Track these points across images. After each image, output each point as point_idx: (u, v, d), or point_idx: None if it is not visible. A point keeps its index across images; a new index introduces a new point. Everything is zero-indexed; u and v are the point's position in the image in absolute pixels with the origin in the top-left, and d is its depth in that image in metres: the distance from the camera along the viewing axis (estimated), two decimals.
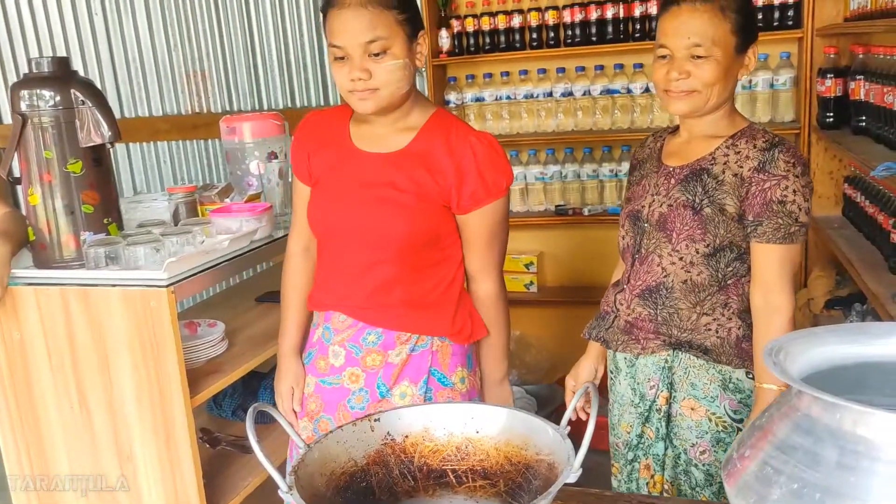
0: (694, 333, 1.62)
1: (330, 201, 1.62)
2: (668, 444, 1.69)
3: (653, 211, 1.64)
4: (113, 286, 1.73)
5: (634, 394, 1.72)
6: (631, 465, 1.76)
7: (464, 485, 1.13)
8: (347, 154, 1.61)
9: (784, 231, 1.53)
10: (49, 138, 1.79)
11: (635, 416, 1.73)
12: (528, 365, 3.58)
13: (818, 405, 0.78)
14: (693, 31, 1.54)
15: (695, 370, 1.63)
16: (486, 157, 1.56)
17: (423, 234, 1.57)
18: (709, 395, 1.62)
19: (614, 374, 1.78)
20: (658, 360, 1.67)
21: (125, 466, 1.82)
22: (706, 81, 1.55)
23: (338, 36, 1.48)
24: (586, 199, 3.38)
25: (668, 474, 1.70)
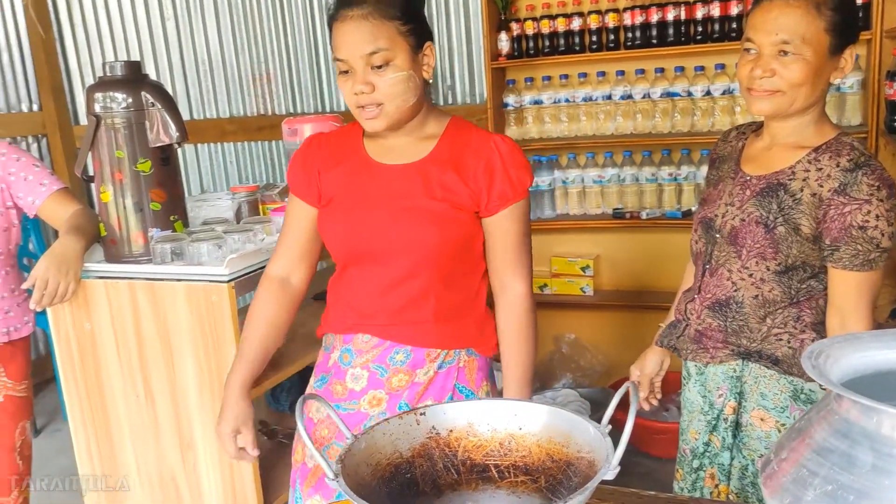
0: (764, 344, 1.58)
1: (353, 219, 1.54)
2: (736, 455, 1.66)
3: (725, 222, 1.60)
4: (177, 280, 1.81)
5: (704, 401, 1.70)
6: (696, 474, 1.74)
7: (506, 480, 1.15)
8: (366, 169, 1.55)
9: (863, 258, 1.45)
10: (121, 138, 1.88)
11: (703, 424, 1.71)
12: (583, 369, 3.58)
13: (855, 409, 0.78)
14: (783, 27, 1.46)
15: (765, 380, 1.60)
16: (511, 156, 1.52)
17: (457, 243, 1.52)
18: (779, 405, 1.59)
19: (686, 380, 1.76)
20: (727, 369, 1.64)
21: (186, 454, 1.90)
22: (792, 82, 1.47)
23: (340, 49, 1.45)
24: (644, 202, 3.36)
25: (735, 485, 1.67)
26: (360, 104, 1.46)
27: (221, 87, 4.13)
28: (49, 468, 3.37)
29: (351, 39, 1.43)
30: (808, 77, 1.47)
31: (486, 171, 1.50)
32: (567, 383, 3.56)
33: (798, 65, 1.47)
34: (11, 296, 2.05)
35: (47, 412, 3.87)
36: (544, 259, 3.62)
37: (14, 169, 2.02)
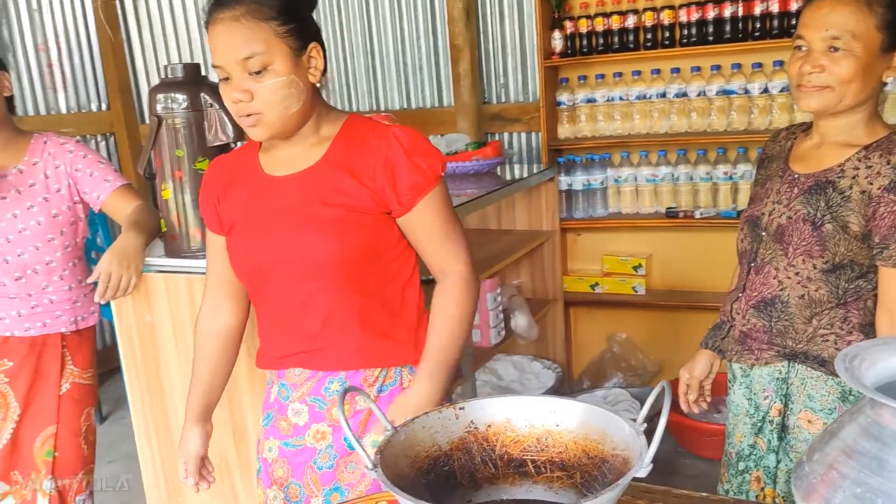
0: (810, 345, 1.57)
1: (250, 241, 1.45)
2: (783, 457, 1.65)
3: (772, 220, 1.60)
4: None
5: (749, 404, 1.69)
6: (742, 476, 1.73)
7: (542, 475, 1.17)
8: (260, 185, 1.46)
9: None
10: (180, 138, 1.95)
11: (749, 427, 1.70)
12: (634, 368, 3.56)
13: (887, 412, 0.78)
14: (833, 22, 1.45)
15: (812, 381, 1.58)
16: (414, 145, 1.40)
17: (361, 250, 1.40)
18: (827, 407, 1.57)
19: (731, 382, 1.76)
20: (773, 371, 1.63)
21: (239, 444, 1.96)
22: (841, 78, 1.46)
23: (215, 54, 1.34)
24: (698, 201, 3.32)
25: (781, 488, 1.66)
26: (240, 113, 1.36)
27: None
28: (113, 453, 3.52)
29: (224, 44, 1.33)
30: (857, 73, 1.46)
31: (386, 167, 1.39)
32: (618, 383, 3.54)
33: (848, 61, 1.46)
34: (79, 287, 2.15)
35: (113, 400, 4.03)
36: (596, 258, 3.62)
37: (81, 165, 2.12)
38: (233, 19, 1.31)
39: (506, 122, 3.73)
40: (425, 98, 3.92)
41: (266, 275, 1.45)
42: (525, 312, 3.18)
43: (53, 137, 2.15)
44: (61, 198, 2.10)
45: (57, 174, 2.10)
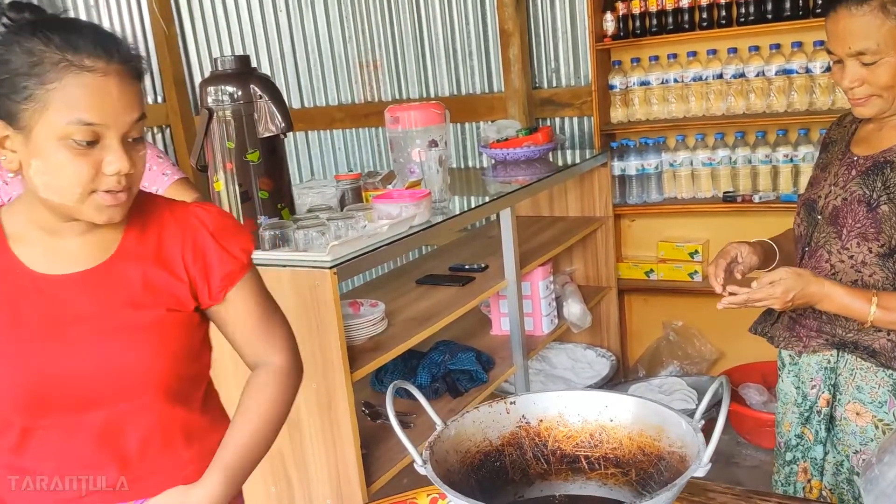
0: (861, 334, 1.52)
1: (23, 359, 1.11)
2: (830, 449, 1.60)
3: (828, 203, 1.56)
4: (283, 266, 1.88)
5: (798, 392, 1.65)
6: (789, 467, 1.69)
7: (596, 471, 1.14)
8: (26, 286, 1.13)
9: None
10: (231, 130, 1.97)
11: (796, 416, 1.66)
12: (690, 356, 3.49)
13: None
14: (854, 37, 1.43)
15: (861, 372, 1.53)
16: (221, 226, 1.25)
17: (183, 354, 1.21)
18: (877, 399, 1.52)
19: (780, 370, 1.73)
20: (821, 359, 1.59)
21: (292, 434, 1.97)
22: (883, 85, 1.45)
23: (93, 110, 1.04)
24: (758, 185, 3.22)
25: (829, 481, 1.62)
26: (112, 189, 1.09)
27: (330, 76, 4.24)
28: None
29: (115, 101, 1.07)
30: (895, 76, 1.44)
31: (196, 254, 1.21)
32: (674, 371, 3.47)
33: (882, 68, 1.44)
34: None
35: None
36: (651, 244, 3.54)
37: None
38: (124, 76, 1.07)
39: (557, 106, 3.67)
40: (475, 84, 3.89)
41: (47, 404, 1.13)
42: (578, 300, 3.13)
43: None
44: None
45: None
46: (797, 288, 1.47)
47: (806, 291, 1.47)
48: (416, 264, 3.04)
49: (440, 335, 2.62)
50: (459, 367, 2.55)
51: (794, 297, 1.47)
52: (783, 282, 1.47)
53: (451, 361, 2.57)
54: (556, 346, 3.51)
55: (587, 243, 3.46)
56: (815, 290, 1.47)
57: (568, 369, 3.39)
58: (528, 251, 2.87)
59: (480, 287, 2.57)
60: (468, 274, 2.70)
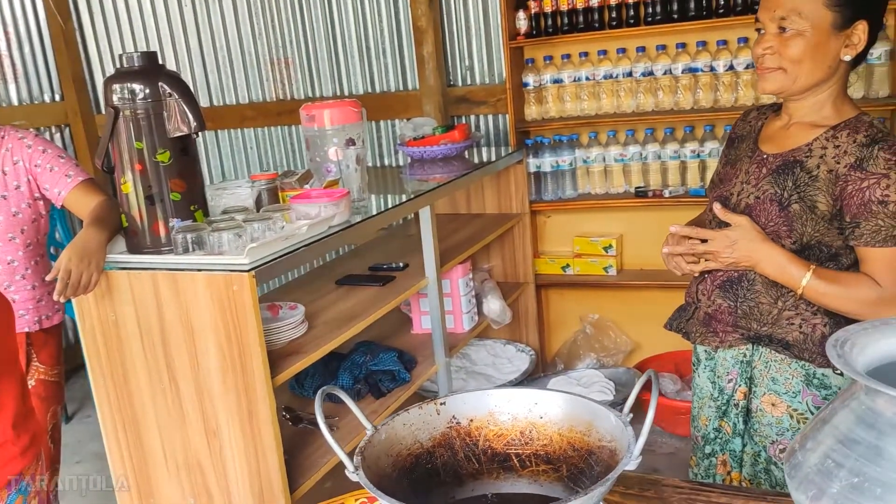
0: (775, 328, 1.56)
1: None
2: (748, 441, 1.65)
3: (740, 200, 1.58)
4: (198, 271, 1.81)
5: (714, 387, 1.69)
6: (708, 460, 1.73)
7: (527, 469, 1.14)
8: None
9: (885, 233, 1.43)
10: (139, 130, 1.88)
11: (713, 410, 1.70)
12: (607, 349, 3.56)
13: (882, 399, 0.77)
14: (780, 3, 1.46)
15: (776, 364, 1.58)
16: None
17: None
18: (791, 390, 1.57)
19: (695, 365, 1.76)
20: (737, 353, 1.62)
21: (211, 441, 1.91)
22: (791, 58, 1.47)
23: None
24: (667, 180, 3.32)
25: (747, 472, 1.66)
26: None
27: (241, 73, 4.13)
28: (82, 453, 3.44)
29: None
30: (806, 53, 1.46)
31: None
32: (591, 364, 3.54)
33: (796, 41, 1.46)
34: (42, 285, 2.08)
35: (78, 399, 3.94)
36: (567, 239, 3.60)
37: (40, 161, 2.04)
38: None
39: (472, 104, 3.69)
40: (389, 82, 3.86)
41: None
42: (497, 296, 3.16)
43: (11, 132, 2.06)
44: (21, 195, 2.02)
45: (16, 170, 2.01)
46: (745, 239, 1.50)
47: (752, 246, 1.50)
48: (335, 264, 2.99)
49: (361, 336, 2.59)
50: (381, 368, 2.53)
51: (738, 248, 1.51)
52: (737, 230, 1.50)
53: (373, 362, 2.54)
54: (477, 342, 3.52)
55: (505, 240, 3.49)
56: (759, 247, 1.50)
57: (489, 365, 3.40)
58: (448, 249, 2.87)
59: (401, 286, 2.56)
60: (388, 273, 2.68)
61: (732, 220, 1.52)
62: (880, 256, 1.45)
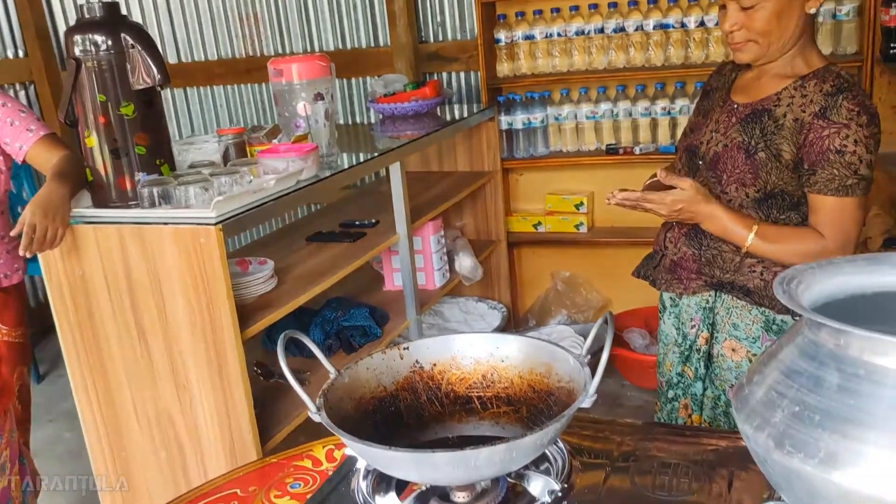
0: (737, 275, 1.60)
1: None
2: (709, 385, 1.70)
3: (709, 149, 1.61)
4: (165, 224, 1.81)
5: (678, 333, 1.73)
6: (671, 404, 1.78)
7: (488, 411, 1.17)
8: None
9: (839, 183, 1.45)
10: (102, 82, 1.86)
11: (677, 356, 1.74)
12: (578, 305, 3.60)
13: (823, 331, 0.79)
14: None
15: (737, 311, 1.62)
16: None
17: None
18: (751, 335, 1.61)
19: (661, 312, 1.80)
20: (700, 300, 1.67)
21: (182, 395, 1.92)
22: (759, 31, 1.49)
23: None
24: (638, 137, 3.33)
25: (707, 415, 1.71)
26: None
27: (209, 29, 4.06)
28: (53, 412, 3.44)
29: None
30: (772, 22, 1.49)
31: None
32: (562, 320, 3.59)
33: (760, 14, 1.48)
34: (1, 243, 2.05)
35: (50, 359, 3.92)
36: (539, 197, 3.62)
37: (0, 115, 2.00)
38: None
39: (444, 61, 3.66)
40: (360, 38, 3.82)
41: None
42: (469, 254, 3.17)
43: None
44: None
45: None
46: (688, 201, 1.53)
47: (695, 208, 1.54)
48: (304, 222, 2.99)
49: (332, 292, 2.60)
50: (353, 324, 2.54)
51: (682, 210, 1.54)
52: (680, 192, 1.54)
53: (344, 318, 2.56)
54: (449, 300, 3.55)
55: (476, 198, 3.50)
56: (703, 209, 1.54)
57: (461, 322, 3.43)
58: (419, 206, 2.88)
59: (372, 242, 2.56)
60: (359, 230, 2.68)
61: (677, 183, 1.55)
62: (829, 206, 1.48)
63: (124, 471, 2.07)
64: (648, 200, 1.57)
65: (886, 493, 0.70)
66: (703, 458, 1.06)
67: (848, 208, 1.48)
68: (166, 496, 1.39)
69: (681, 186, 1.54)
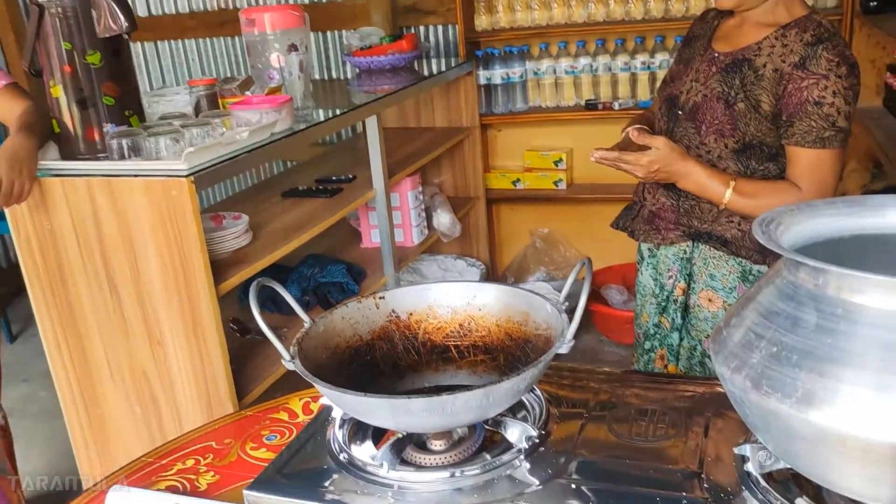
0: (714, 225, 1.60)
1: None
2: (685, 336, 1.70)
3: (689, 99, 1.59)
4: (135, 176, 1.76)
5: (655, 284, 1.74)
6: (648, 355, 1.79)
7: (465, 359, 1.16)
8: None
9: (816, 134, 1.44)
10: (68, 29, 1.79)
11: (654, 307, 1.75)
12: (556, 262, 3.61)
13: (802, 271, 0.78)
14: None
15: (714, 261, 1.62)
16: None
17: None
18: (727, 286, 1.62)
19: (639, 264, 1.80)
20: (678, 250, 1.67)
21: (156, 350, 1.90)
22: None
23: None
24: (618, 92, 3.30)
25: (683, 365, 1.72)
26: None
27: None
28: (27, 372, 3.40)
29: None
30: None
31: None
32: (541, 277, 3.59)
33: None
34: None
35: (23, 318, 3.87)
36: (517, 154, 3.59)
37: None
38: None
39: (421, 14, 3.59)
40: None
41: None
42: (447, 210, 3.15)
43: None
44: None
45: None
46: (663, 161, 1.52)
47: (671, 168, 1.53)
48: (280, 178, 2.95)
49: (309, 248, 2.57)
50: (330, 280, 2.52)
51: (658, 170, 1.53)
52: (654, 152, 1.52)
53: (321, 274, 2.53)
54: (427, 257, 3.53)
55: (455, 154, 3.46)
56: (679, 168, 1.53)
57: (439, 280, 3.43)
58: (396, 162, 2.84)
59: (349, 197, 2.53)
60: (336, 185, 2.64)
61: (650, 142, 1.53)
62: (806, 158, 1.47)
63: (100, 427, 2.05)
64: (624, 161, 1.55)
65: (862, 430, 0.70)
66: (680, 405, 1.06)
67: (826, 160, 1.47)
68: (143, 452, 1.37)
69: (654, 145, 1.52)
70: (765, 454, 0.88)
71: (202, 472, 1.25)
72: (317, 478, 0.98)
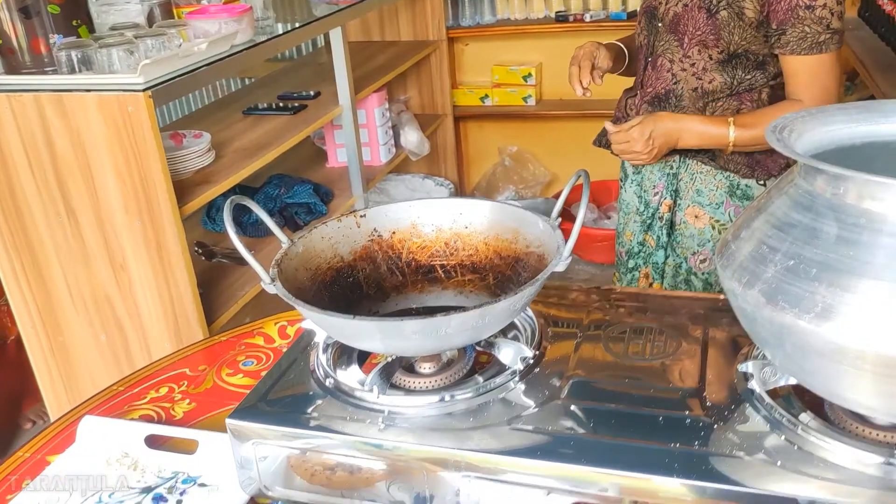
0: None
1: None
2: (670, 253, 1.67)
3: (668, 10, 1.52)
4: (87, 91, 1.65)
5: (640, 201, 1.69)
6: (631, 274, 1.76)
7: (452, 279, 1.11)
8: None
9: (811, 40, 1.39)
10: None
11: (638, 225, 1.71)
12: (526, 180, 3.56)
13: (820, 179, 0.74)
14: None
15: (701, 176, 1.58)
16: None
17: None
18: (714, 201, 1.58)
19: (622, 181, 1.76)
20: (664, 166, 1.62)
21: (119, 275, 1.82)
22: None
23: None
24: (588, 4, 3.20)
25: (668, 283, 1.70)
26: None
27: None
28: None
29: None
30: None
31: None
32: (510, 196, 3.54)
33: None
34: None
35: None
36: (485, 69, 3.49)
37: None
38: None
39: None
40: None
41: None
42: (415, 128, 3.06)
43: None
44: None
45: None
46: (652, 122, 1.49)
47: (663, 128, 1.49)
48: (239, 95, 2.82)
49: (273, 168, 2.48)
50: (296, 201, 2.44)
51: (653, 135, 1.49)
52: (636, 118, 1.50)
53: (288, 195, 2.45)
54: (395, 177, 3.46)
55: (421, 70, 3.35)
56: (671, 126, 1.49)
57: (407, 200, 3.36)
58: (362, 77, 2.73)
59: (314, 115, 2.43)
60: (299, 102, 2.53)
61: (630, 123, 1.50)
62: (805, 66, 1.42)
63: (63, 356, 1.98)
64: (617, 142, 1.51)
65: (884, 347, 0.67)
66: (677, 322, 1.03)
67: (825, 65, 1.42)
68: (110, 380, 1.32)
69: (637, 120, 1.51)
70: (770, 371, 0.86)
71: (177, 401, 1.20)
72: (302, 404, 0.93)
